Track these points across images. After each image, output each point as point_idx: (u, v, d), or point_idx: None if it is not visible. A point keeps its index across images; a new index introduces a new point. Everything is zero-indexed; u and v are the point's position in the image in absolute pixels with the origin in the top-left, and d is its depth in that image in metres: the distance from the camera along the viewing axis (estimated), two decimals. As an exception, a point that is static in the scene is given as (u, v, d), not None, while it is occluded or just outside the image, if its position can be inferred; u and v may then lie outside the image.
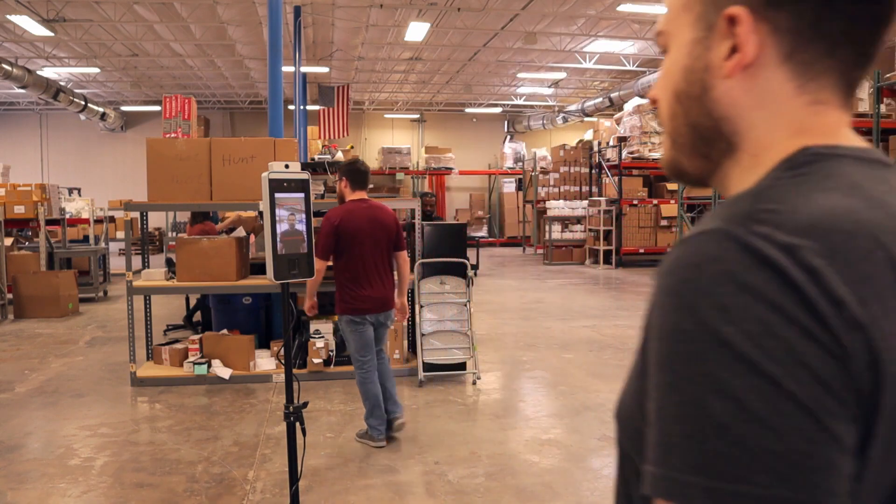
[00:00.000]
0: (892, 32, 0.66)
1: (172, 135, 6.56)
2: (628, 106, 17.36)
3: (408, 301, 5.48)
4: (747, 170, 0.67)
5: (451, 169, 22.82)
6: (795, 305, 0.52)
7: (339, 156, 9.59)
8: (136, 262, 7.03)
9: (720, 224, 0.57)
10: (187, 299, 8.85)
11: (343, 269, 4.42)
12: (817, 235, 0.54)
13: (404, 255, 4.63)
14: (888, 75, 9.28)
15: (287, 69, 12.85)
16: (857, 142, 0.66)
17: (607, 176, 16.56)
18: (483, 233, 23.61)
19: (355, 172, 4.53)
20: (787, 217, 0.56)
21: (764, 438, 0.49)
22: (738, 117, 0.67)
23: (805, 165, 0.62)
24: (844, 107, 0.67)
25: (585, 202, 17.02)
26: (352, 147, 18.87)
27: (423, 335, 6.10)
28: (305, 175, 2.95)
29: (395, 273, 4.66)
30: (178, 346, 6.49)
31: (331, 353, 6.24)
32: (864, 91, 11.16)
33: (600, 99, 19.95)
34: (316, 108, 18.29)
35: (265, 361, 6.27)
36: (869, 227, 0.56)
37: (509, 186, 24.04)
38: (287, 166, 2.92)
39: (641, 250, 15.75)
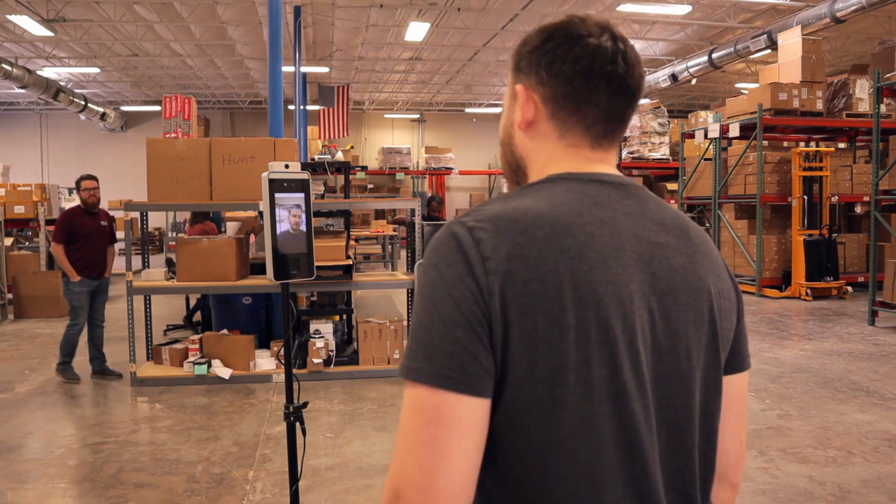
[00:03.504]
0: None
1: (172, 135, 6.56)
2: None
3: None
4: None
5: (451, 169, 22.80)
6: (460, 262, 0.86)
7: (339, 156, 9.58)
8: (136, 262, 7.04)
9: (454, 217, 0.92)
10: (187, 299, 8.86)
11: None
12: (491, 221, 0.88)
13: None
14: (888, 75, 9.26)
15: (287, 69, 12.86)
16: (600, 170, 0.97)
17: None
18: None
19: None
20: (483, 212, 0.90)
21: (423, 336, 0.85)
22: (527, 157, 1.02)
23: (533, 185, 0.95)
24: (593, 148, 0.98)
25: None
26: (352, 147, 18.88)
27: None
28: (305, 175, 2.95)
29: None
30: (178, 346, 6.49)
31: (331, 354, 6.24)
32: (865, 91, 11.17)
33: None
34: (316, 108, 18.28)
35: (265, 361, 6.27)
36: (532, 216, 0.88)
37: (509, 186, 24.02)
38: (287, 166, 2.92)
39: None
